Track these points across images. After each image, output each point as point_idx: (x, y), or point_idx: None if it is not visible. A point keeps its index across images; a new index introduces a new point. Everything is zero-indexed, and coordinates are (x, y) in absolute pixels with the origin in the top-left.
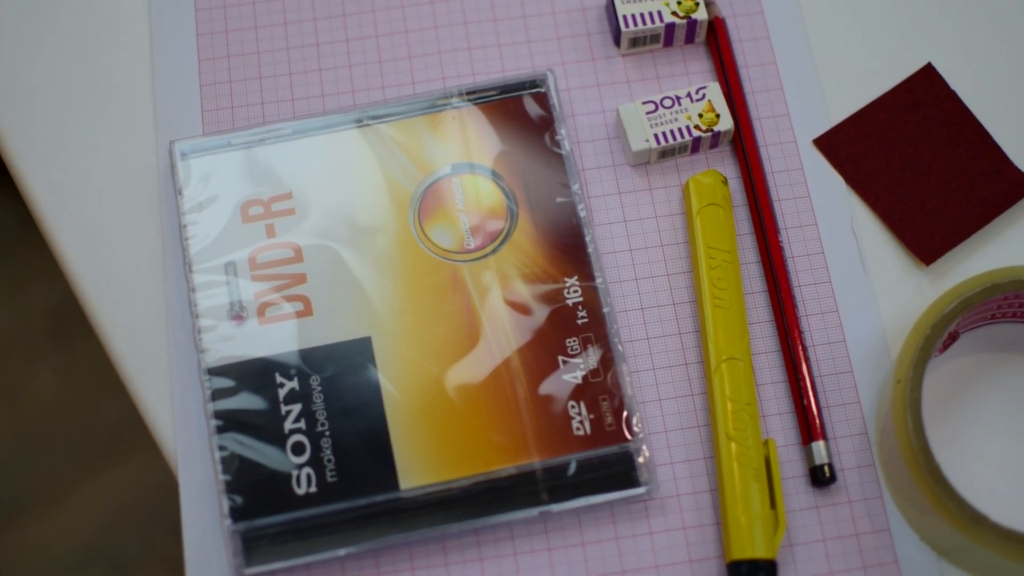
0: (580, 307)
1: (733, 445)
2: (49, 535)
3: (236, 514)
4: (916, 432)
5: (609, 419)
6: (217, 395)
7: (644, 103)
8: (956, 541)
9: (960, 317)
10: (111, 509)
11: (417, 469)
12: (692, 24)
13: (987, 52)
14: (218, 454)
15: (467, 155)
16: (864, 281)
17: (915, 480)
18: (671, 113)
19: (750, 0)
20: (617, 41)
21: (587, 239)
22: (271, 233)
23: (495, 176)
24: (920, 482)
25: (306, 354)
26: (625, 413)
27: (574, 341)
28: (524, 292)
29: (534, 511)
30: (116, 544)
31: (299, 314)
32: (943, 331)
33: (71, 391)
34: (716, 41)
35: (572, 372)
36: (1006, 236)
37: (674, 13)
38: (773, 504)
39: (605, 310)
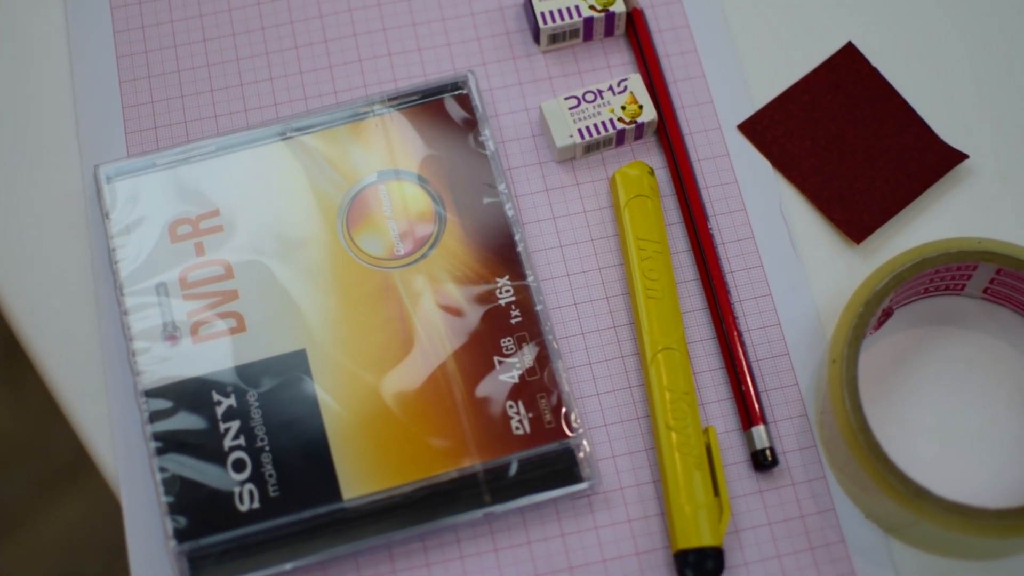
0: (513, 306)
1: (673, 435)
2: (10, 563)
3: (180, 535)
4: (854, 411)
5: (548, 417)
6: (155, 417)
7: (566, 99)
8: (901, 517)
9: (892, 293)
10: (70, 535)
11: (359, 479)
12: (611, 17)
13: (906, 28)
14: (159, 476)
15: (392, 161)
16: (796, 263)
17: (856, 459)
18: (594, 107)
19: None
20: (537, 38)
21: (516, 238)
22: (200, 251)
23: (421, 181)
24: (861, 460)
25: (242, 370)
26: (564, 409)
27: (509, 341)
28: (456, 295)
29: (478, 513)
30: (76, 570)
31: (233, 331)
32: (876, 308)
33: (25, 420)
34: (635, 32)
35: (508, 372)
36: (935, 210)
37: (592, 7)
38: (716, 491)
39: (538, 308)
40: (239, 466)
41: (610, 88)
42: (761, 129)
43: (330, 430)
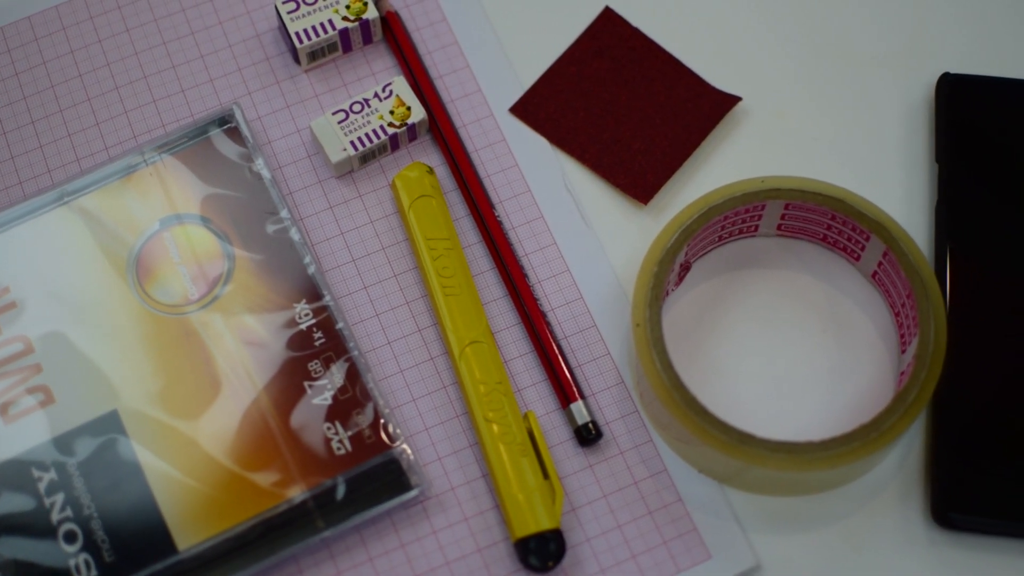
0: (315, 329)
1: (494, 426)
2: None
3: None
4: (666, 370)
5: (367, 432)
6: None
7: (334, 113)
8: (731, 465)
9: (685, 247)
10: None
11: (191, 527)
12: (365, 25)
13: None
14: None
15: (173, 207)
16: (588, 235)
17: (676, 417)
18: (363, 117)
19: None
20: (297, 59)
21: (306, 261)
22: None
23: (205, 221)
24: (681, 417)
25: (58, 442)
26: (382, 421)
27: (316, 364)
28: (257, 328)
29: (314, 539)
30: None
31: (42, 404)
32: (670, 265)
33: None
34: (393, 35)
35: (320, 395)
36: (718, 156)
37: (345, 18)
38: (546, 474)
39: (339, 326)
40: (70, 538)
41: (375, 95)
42: (533, 109)
43: (154, 484)
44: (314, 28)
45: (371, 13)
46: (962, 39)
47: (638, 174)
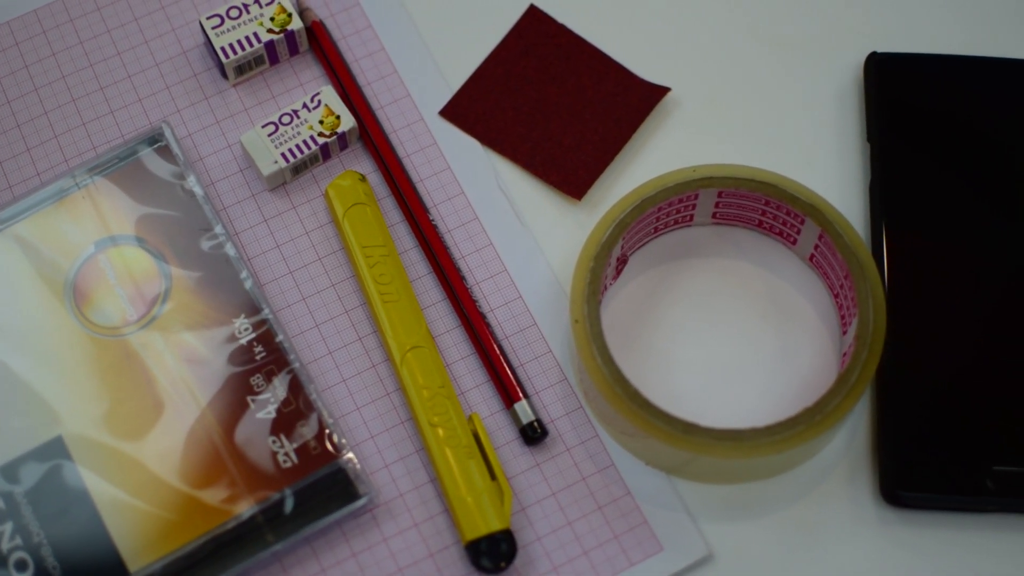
0: (255, 343)
1: (439, 430)
2: None
3: None
4: (607, 365)
5: (312, 443)
6: None
7: (264, 126)
8: (678, 456)
9: (620, 241)
10: None
11: (141, 549)
12: (291, 36)
13: None
14: None
15: (107, 229)
16: (524, 234)
17: (619, 411)
18: (292, 128)
19: None
20: (224, 73)
21: (243, 275)
22: None
23: (140, 241)
24: (624, 411)
25: (4, 471)
26: (327, 432)
27: (258, 378)
28: (197, 345)
29: (265, 554)
30: None
31: None
32: (606, 260)
33: None
34: (319, 45)
35: (264, 408)
36: (650, 149)
37: (270, 30)
38: (494, 476)
39: (279, 339)
40: (21, 566)
41: (304, 105)
42: (463, 111)
43: (102, 508)
44: (239, 42)
45: (296, 24)
46: (888, 17)
47: (570, 170)
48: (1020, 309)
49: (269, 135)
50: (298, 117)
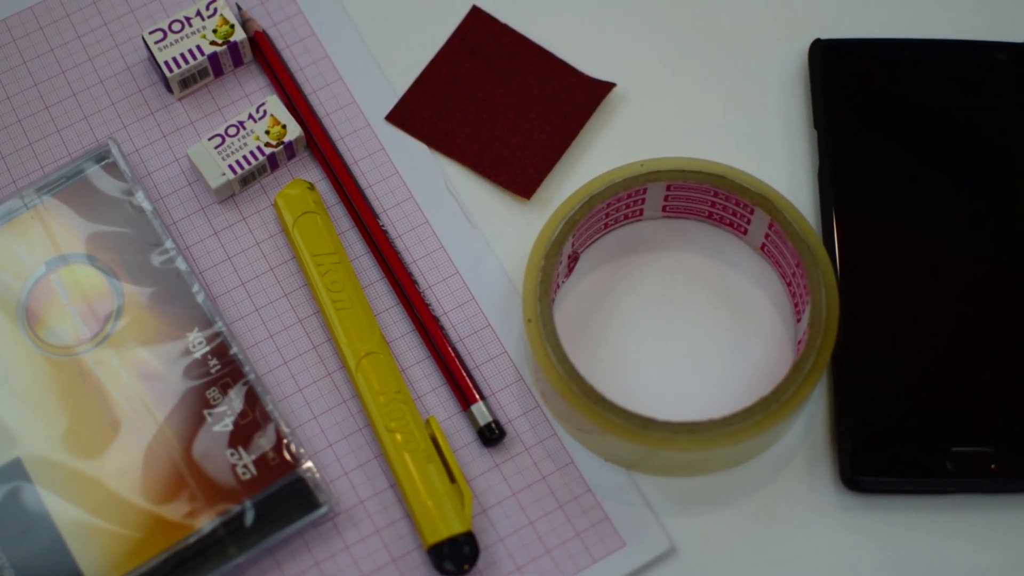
0: (210, 356)
1: (397, 435)
2: None
3: None
4: (561, 363)
5: (271, 454)
6: None
7: (210, 139)
8: (636, 451)
9: (570, 238)
10: None
11: (104, 567)
12: (234, 47)
13: None
14: None
15: (57, 248)
16: (475, 235)
17: (576, 408)
18: (239, 140)
19: (287, 4)
20: (169, 88)
21: (195, 289)
22: None
23: (91, 259)
24: (581, 408)
25: None
26: (284, 442)
27: (214, 391)
28: (152, 361)
29: (227, 567)
30: None
31: None
32: (557, 258)
33: None
34: (263, 55)
35: (221, 421)
36: (598, 145)
37: (213, 42)
38: (453, 478)
39: (233, 351)
40: None
41: (250, 116)
42: (409, 115)
43: (64, 528)
44: (183, 55)
45: (239, 35)
46: (831, 4)
47: (518, 169)
48: (972, 290)
49: (216, 147)
50: (244, 128)
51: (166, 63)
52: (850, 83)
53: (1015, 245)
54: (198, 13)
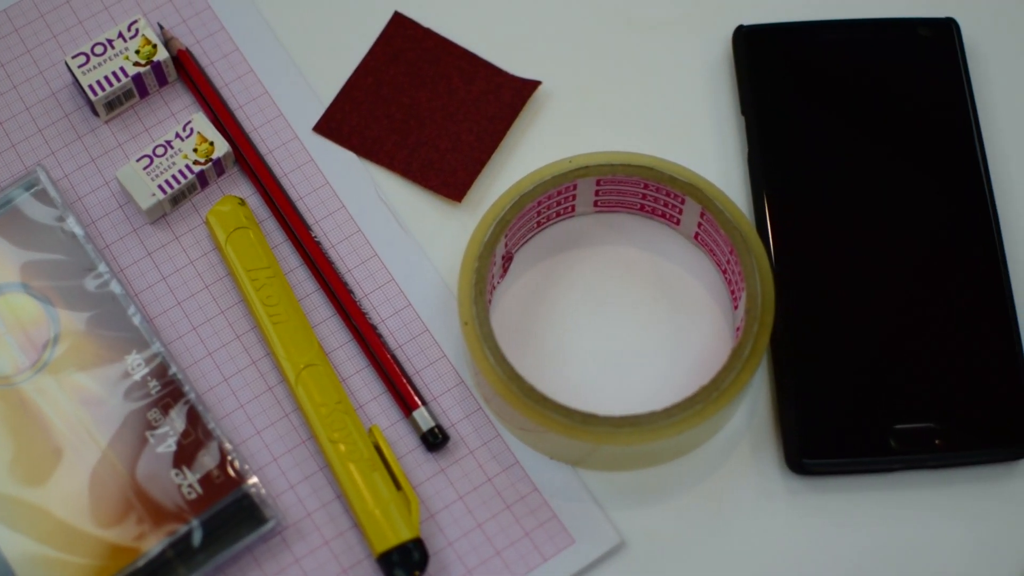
0: (149, 377)
1: (340, 446)
2: None
3: None
4: (499, 364)
5: (215, 472)
6: None
7: (139, 160)
8: (580, 448)
9: (502, 239)
10: None
11: None
12: (158, 67)
13: None
14: None
15: None
16: (408, 241)
17: (517, 408)
18: (167, 159)
19: (209, 21)
20: (95, 111)
21: (131, 311)
22: None
23: (25, 288)
24: (521, 408)
25: None
26: (228, 459)
27: (155, 412)
28: (92, 386)
29: None
30: None
31: None
32: (490, 259)
33: None
34: (187, 73)
35: (164, 442)
36: (527, 144)
37: (136, 63)
38: (399, 485)
39: (172, 371)
40: None
41: (177, 135)
42: (336, 124)
43: (12, 559)
44: (107, 78)
45: (162, 54)
46: None
47: (448, 173)
48: (906, 269)
49: (144, 168)
50: (172, 147)
51: (90, 87)
52: (775, 67)
53: (946, 221)
54: (120, 35)
